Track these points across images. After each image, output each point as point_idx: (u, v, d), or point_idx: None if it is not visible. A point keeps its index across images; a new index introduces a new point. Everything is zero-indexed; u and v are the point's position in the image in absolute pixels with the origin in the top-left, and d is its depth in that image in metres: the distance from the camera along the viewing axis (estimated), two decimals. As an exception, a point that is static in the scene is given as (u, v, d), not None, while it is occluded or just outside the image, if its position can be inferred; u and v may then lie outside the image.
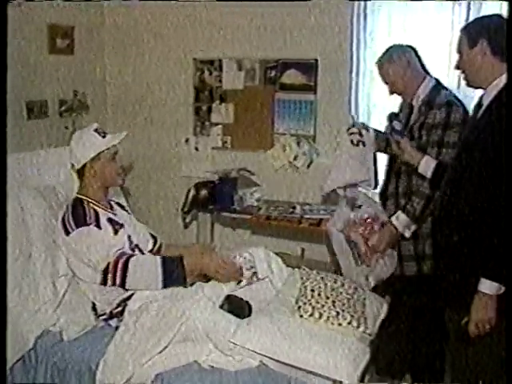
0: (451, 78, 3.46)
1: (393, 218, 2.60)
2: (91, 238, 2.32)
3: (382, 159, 2.92)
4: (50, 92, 3.84)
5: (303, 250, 3.88)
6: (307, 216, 3.42)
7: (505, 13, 2.18)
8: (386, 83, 2.74)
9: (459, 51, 2.08)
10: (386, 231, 2.62)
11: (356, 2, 3.60)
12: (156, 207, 4.22)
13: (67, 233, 2.35)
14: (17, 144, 3.46)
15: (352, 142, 2.75)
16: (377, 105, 3.72)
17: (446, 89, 2.66)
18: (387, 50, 2.72)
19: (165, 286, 2.30)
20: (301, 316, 2.11)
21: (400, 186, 2.70)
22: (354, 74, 3.69)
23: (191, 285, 2.41)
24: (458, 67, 2.11)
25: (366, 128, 2.88)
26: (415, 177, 2.58)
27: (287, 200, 3.84)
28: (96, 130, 2.46)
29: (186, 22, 4.04)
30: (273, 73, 3.92)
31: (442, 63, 3.47)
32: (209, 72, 4.07)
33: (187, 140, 4.22)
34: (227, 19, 3.93)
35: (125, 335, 2.22)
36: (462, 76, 2.12)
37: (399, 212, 2.58)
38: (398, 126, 2.66)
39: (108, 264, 2.29)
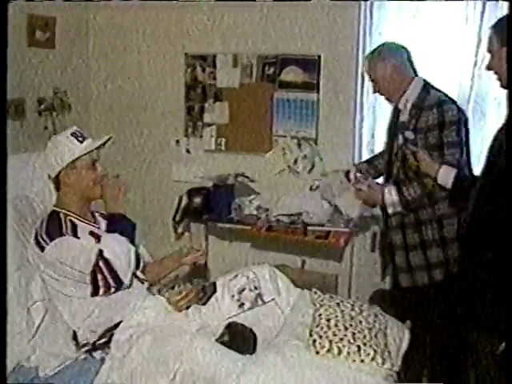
0: (465, 77, 3.24)
1: (386, 189, 2.57)
2: (69, 247, 2.07)
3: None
4: (28, 89, 3.51)
5: (303, 261, 3.60)
6: (312, 228, 3.11)
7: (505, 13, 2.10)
8: (372, 80, 2.69)
9: (489, 50, 1.94)
10: (376, 187, 2.63)
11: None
12: (144, 215, 3.89)
13: (42, 249, 2.09)
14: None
15: (311, 187, 3.33)
16: (383, 104, 3.45)
17: (436, 89, 2.59)
18: (379, 47, 2.68)
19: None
20: (317, 352, 1.83)
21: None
22: (359, 72, 3.43)
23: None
24: (489, 68, 1.97)
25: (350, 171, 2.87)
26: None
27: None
28: (73, 134, 2.19)
29: (178, 14, 3.74)
30: (271, 69, 3.63)
31: (454, 61, 3.26)
32: (201, 68, 3.77)
33: (178, 142, 3.92)
34: (221, 11, 3.63)
35: (112, 372, 1.95)
36: (496, 77, 1.96)
37: (393, 189, 2.55)
38: (411, 135, 2.54)
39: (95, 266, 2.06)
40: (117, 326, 2.09)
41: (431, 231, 2.54)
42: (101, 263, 2.06)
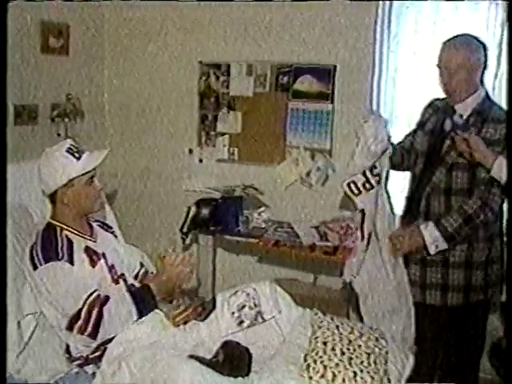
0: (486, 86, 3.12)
1: (422, 226, 2.35)
2: (61, 277, 1.99)
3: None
4: (42, 95, 3.51)
5: (316, 277, 3.50)
6: (320, 242, 3.00)
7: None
8: (445, 68, 2.37)
9: None
10: (413, 234, 2.36)
11: (380, 2, 3.24)
12: (154, 225, 3.86)
13: (34, 267, 2.02)
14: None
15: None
16: (400, 116, 3.36)
17: (496, 104, 2.44)
18: (467, 35, 2.42)
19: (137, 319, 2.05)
20: (310, 378, 1.74)
21: (432, 204, 2.41)
22: (375, 82, 3.34)
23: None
24: None
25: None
26: (457, 194, 2.35)
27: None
28: (69, 150, 2.09)
29: (192, 22, 3.70)
30: (285, 79, 3.56)
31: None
32: (215, 77, 3.72)
33: (191, 151, 3.87)
34: (236, 19, 3.58)
35: (101, 387, 1.88)
36: None
37: (430, 222, 2.34)
38: (460, 120, 2.40)
39: (79, 310, 1.96)
40: (112, 339, 2.02)
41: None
42: (94, 312, 1.96)
